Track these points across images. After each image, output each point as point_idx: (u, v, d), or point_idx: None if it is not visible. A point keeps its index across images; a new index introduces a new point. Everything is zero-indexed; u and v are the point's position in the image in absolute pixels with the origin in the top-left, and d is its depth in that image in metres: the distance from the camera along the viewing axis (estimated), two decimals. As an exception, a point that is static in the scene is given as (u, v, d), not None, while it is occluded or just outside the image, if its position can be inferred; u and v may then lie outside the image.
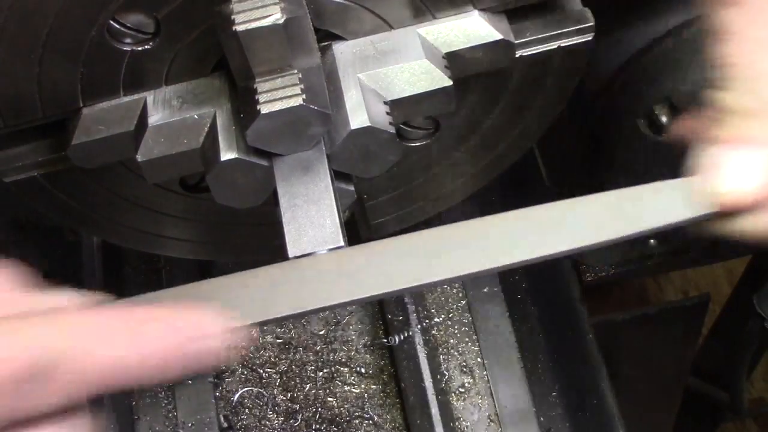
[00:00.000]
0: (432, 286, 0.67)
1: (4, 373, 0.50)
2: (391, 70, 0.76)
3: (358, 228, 0.96)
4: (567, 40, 0.79)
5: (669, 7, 0.99)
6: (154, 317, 0.55)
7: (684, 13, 0.98)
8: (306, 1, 0.71)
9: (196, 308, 0.56)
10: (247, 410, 1.04)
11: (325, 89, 0.73)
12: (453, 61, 0.77)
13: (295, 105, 0.70)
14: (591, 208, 0.66)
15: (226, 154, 0.74)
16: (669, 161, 1.02)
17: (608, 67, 1.02)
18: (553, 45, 0.79)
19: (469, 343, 1.07)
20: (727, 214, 0.65)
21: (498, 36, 0.77)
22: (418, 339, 1.04)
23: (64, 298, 0.57)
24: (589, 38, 0.80)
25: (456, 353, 1.06)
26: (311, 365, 1.07)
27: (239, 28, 0.67)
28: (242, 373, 1.06)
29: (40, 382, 0.51)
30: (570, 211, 0.65)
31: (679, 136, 0.69)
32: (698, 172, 0.65)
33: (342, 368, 1.07)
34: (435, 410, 0.99)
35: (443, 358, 1.06)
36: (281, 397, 1.05)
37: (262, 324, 0.61)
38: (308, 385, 1.06)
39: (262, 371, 1.07)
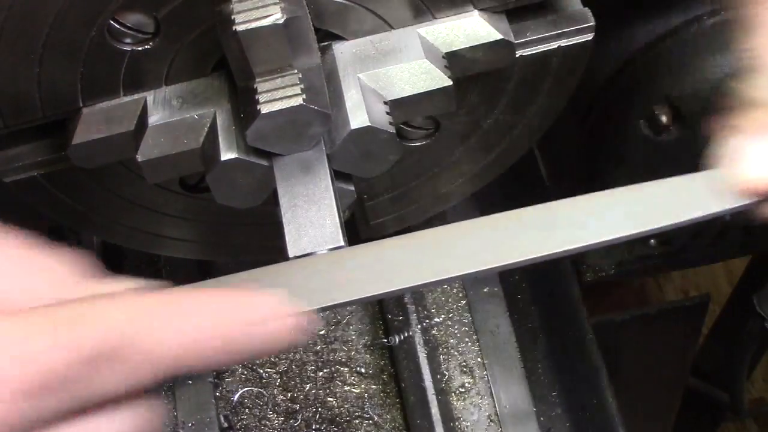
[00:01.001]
0: (447, 283, 0.67)
1: (73, 355, 0.49)
2: (391, 70, 0.76)
3: (358, 228, 0.96)
4: (567, 40, 0.79)
5: (669, 7, 0.99)
6: (223, 299, 0.55)
7: (684, 14, 0.98)
8: (306, 1, 0.71)
9: (263, 292, 0.55)
10: (247, 410, 1.04)
11: (325, 89, 0.73)
12: (453, 61, 0.77)
13: (295, 105, 0.70)
14: (608, 204, 0.65)
15: (226, 154, 0.74)
16: (669, 161, 1.02)
17: (608, 67, 1.02)
18: (553, 45, 0.79)
19: (469, 343, 1.07)
20: (756, 202, 0.65)
21: (498, 36, 0.77)
22: (418, 339, 1.04)
23: (129, 283, 0.56)
24: (589, 38, 0.80)
25: (456, 353, 1.06)
26: (311, 365, 1.07)
27: (239, 28, 0.67)
28: (242, 373, 1.06)
29: (109, 364, 0.50)
30: (586, 208, 0.65)
31: (710, 133, 0.69)
32: (721, 163, 0.65)
33: (342, 368, 1.07)
34: (435, 410, 0.99)
35: (443, 358, 1.06)
36: (281, 397, 1.05)
37: (325, 309, 0.61)
38: (308, 385, 1.06)
39: (262, 371, 1.07)
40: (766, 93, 0.65)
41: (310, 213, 0.72)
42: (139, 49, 0.74)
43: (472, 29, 0.77)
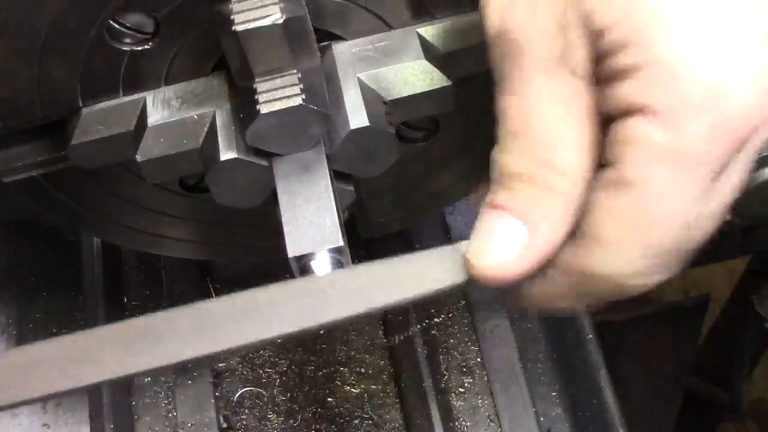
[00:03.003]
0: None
1: None
2: (390, 70, 0.76)
3: (358, 228, 0.96)
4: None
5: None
6: None
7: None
8: (306, 1, 0.71)
9: None
10: (247, 410, 1.04)
11: (325, 89, 0.73)
12: (453, 60, 0.77)
13: (294, 105, 0.70)
14: (360, 278, 0.63)
15: (226, 154, 0.74)
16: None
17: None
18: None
19: (469, 343, 1.07)
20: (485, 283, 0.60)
21: (498, 36, 0.77)
22: (418, 339, 1.04)
23: None
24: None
25: (456, 353, 1.06)
26: (311, 365, 1.07)
27: (239, 28, 0.67)
28: (242, 373, 1.06)
29: None
30: (336, 283, 0.63)
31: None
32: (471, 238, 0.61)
33: (342, 368, 1.07)
34: (435, 410, 0.99)
35: (443, 358, 1.06)
36: (281, 397, 1.05)
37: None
38: (308, 385, 1.06)
39: (262, 371, 1.07)
40: (517, 163, 0.58)
41: (310, 213, 0.72)
42: (139, 49, 0.74)
43: (472, 29, 0.77)
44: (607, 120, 0.56)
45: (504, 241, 0.59)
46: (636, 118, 0.54)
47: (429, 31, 0.77)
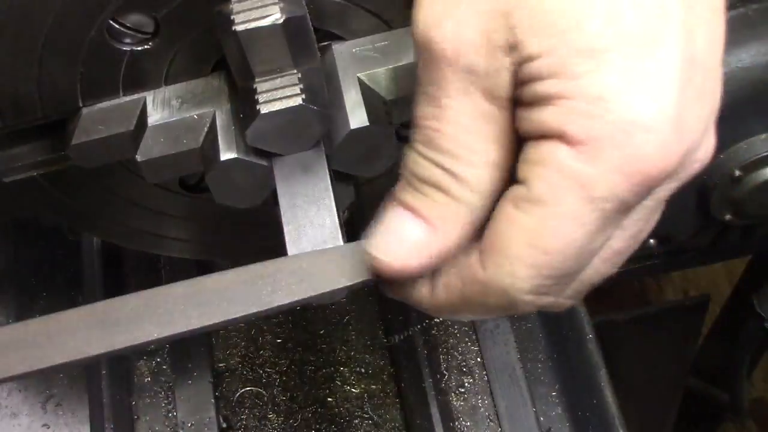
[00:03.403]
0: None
1: None
2: (390, 70, 0.76)
3: (358, 228, 0.95)
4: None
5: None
6: None
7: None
8: (306, 1, 0.71)
9: None
10: (247, 410, 1.04)
11: (325, 89, 0.73)
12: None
13: (294, 105, 0.70)
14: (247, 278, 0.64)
15: (226, 154, 0.74)
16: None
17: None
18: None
19: (469, 343, 1.07)
20: (384, 280, 0.63)
21: (498, 36, 0.77)
22: (418, 339, 1.04)
23: None
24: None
25: (456, 353, 1.06)
26: (311, 365, 1.07)
27: (239, 28, 0.67)
28: (242, 373, 1.06)
29: None
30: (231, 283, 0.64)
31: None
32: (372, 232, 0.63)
33: (342, 368, 1.07)
34: (435, 410, 0.99)
35: (443, 358, 1.06)
36: (281, 397, 1.05)
37: None
38: (308, 385, 1.06)
39: (262, 371, 1.07)
40: (427, 169, 0.60)
41: (310, 213, 0.72)
42: (139, 49, 0.74)
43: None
44: (523, 138, 0.58)
45: (404, 237, 0.61)
46: (552, 142, 0.56)
47: (429, 31, 0.77)
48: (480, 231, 0.60)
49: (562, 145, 0.55)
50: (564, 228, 0.56)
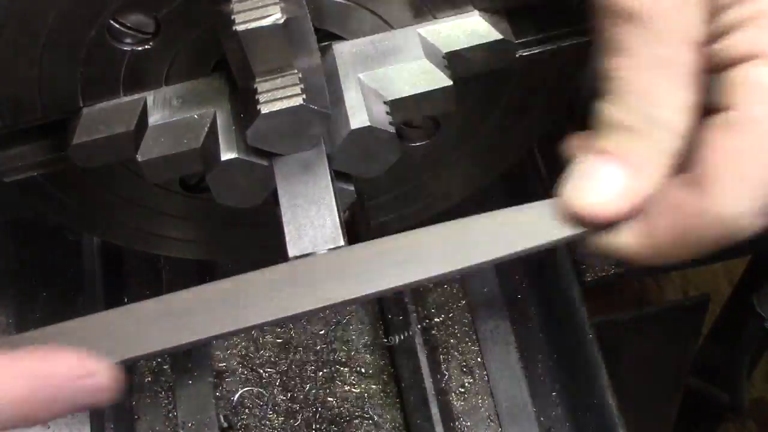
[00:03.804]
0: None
1: None
2: (391, 70, 0.76)
3: (358, 228, 0.95)
4: (567, 40, 0.79)
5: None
6: (22, 363, 0.58)
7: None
8: (306, 1, 0.71)
9: (63, 352, 0.58)
10: (247, 410, 1.04)
11: (325, 89, 0.73)
12: (453, 61, 0.77)
13: (295, 105, 0.70)
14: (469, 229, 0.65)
15: (226, 154, 0.74)
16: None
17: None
18: (554, 45, 0.79)
19: (469, 343, 1.07)
20: (591, 230, 0.64)
21: (498, 36, 0.77)
22: (418, 339, 1.04)
23: None
24: (589, 39, 0.80)
25: (456, 353, 1.06)
26: (311, 365, 1.07)
27: (239, 27, 0.67)
28: (242, 373, 1.06)
29: None
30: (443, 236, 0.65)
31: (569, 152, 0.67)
32: (567, 185, 0.64)
33: (342, 368, 1.07)
34: (435, 410, 0.99)
35: (443, 358, 1.06)
36: (281, 397, 1.05)
37: (131, 361, 0.63)
38: (308, 385, 1.06)
39: (262, 371, 1.07)
40: (621, 116, 0.63)
41: (310, 213, 0.72)
42: (139, 49, 0.74)
43: (472, 29, 0.77)
44: (719, 70, 0.60)
45: (605, 181, 0.63)
46: (752, 63, 0.58)
47: (429, 31, 0.77)
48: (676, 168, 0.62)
49: (764, 63, 0.58)
50: None
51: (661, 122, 0.61)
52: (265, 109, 0.70)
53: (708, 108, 0.61)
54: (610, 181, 0.62)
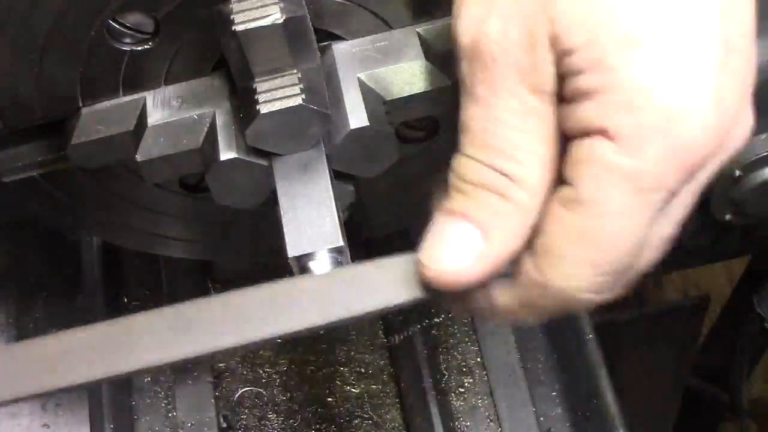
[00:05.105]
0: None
1: None
2: (390, 70, 0.76)
3: (358, 228, 0.95)
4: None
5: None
6: None
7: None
8: (306, 1, 0.71)
9: None
10: (247, 410, 1.04)
11: (325, 89, 0.73)
12: (453, 60, 0.77)
13: (294, 105, 0.70)
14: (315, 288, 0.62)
15: (226, 154, 0.74)
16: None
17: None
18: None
19: (469, 343, 1.07)
20: (441, 293, 0.61)
21: (498, 36, 0.77)
22: (418, 339, 1.04)
23: None
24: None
25: (456, 353, 1.06)
26: (311, 365, 1.07)
27: (239, 28, 0.67)
28: (242, 373, 1.06)
29: None
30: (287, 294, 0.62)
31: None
32: (421, 246, 0.61)
33: (342, 368, 1.07)
34: (435, 410, 0.99)
35: (443, 358, 1.06)
36: (281, 397, 1.05)
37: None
38: (308, 385, 1.06)
39: (262, 371, 1.07)
40: (476, 172, 0.59)
41: (310, 213, 0.72)
42: (139, 49, 0.74)
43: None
44: (567, 138, 0.58)
45: (459, 246, 0.60)
46: (595, 139, 0.55)
47: (429, 31, 0.77)
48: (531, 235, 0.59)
49: (605, 141, 0.55)
50: (616, 225, 0.56)
51: (518, 179, 0.58)
52: (264, 109, 0.70)
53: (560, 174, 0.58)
54: (461, 245, 0.59)
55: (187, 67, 0.77)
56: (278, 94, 0.70)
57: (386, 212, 0.95)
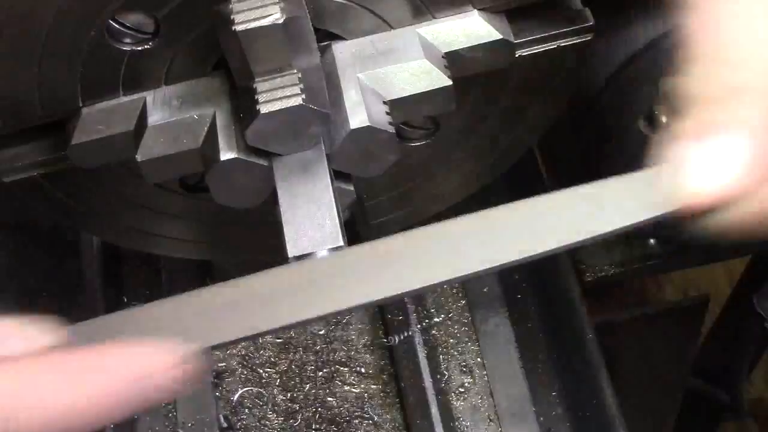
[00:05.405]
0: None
1: None
2: (390, 70, 0.76)
3: (358, 228, 0.95)
4: (567, 40, 0.79)
5: (669, 6, 0.98)
6: (103, 358, 0.56)
7: (684, 13, 0.98)
8: (306, 1, 0.71)
9: (150, 343, 0.56)
10: (247, 410, 1.04)
11: (325, 89, 0.73)
12: (453, 60, 0.77)
13: (294, 105, 0.70)
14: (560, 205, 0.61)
15: (226, 154, 0.74)
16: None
17: (608, 67, 1.02)
18: (553, 45, 0.79)
19: (469, 343, 1.07)
20: (694, 213, 0.58)
21: (498, 36, 0.77)
22: (418, 339, 1.04)
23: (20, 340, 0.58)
24: (589, 38, 0.80)
25: (456, 353, 1.06)
26: (311, 365, 1.07)
27: (239, 27, 0.67)
28: (242, 373, 1.06)
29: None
30: (540, 209, 0.60)
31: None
32: (663, 168, 0.59)
33: (342, 368, 1.07)
34: (435, 410, 0.99)
35: (443, 358, 1.06)
36: (281, 397, 1.05)
37: (217, 348, 0.59)
38: (308, 385, 1.06)
39: (262, 371, 1.07)
40: (702, 86, 0.57)
41: (310, 213, 0.72)
42: (139, 49, 0.74)
43: (471, 29, 0.77)
44: None
45: (708, 163, 0.57)
46: None
47: (428, 30, 0.77)
48: None
49: None
50: None
51: (753, 88, 0.55)
52: (264, 109, 0.70)
53: None
54: (709, 162, 0.57)
55: (187, 67, 0.77)
56: (278, 94, 0.70)
57: (386, 212, 0.95)
